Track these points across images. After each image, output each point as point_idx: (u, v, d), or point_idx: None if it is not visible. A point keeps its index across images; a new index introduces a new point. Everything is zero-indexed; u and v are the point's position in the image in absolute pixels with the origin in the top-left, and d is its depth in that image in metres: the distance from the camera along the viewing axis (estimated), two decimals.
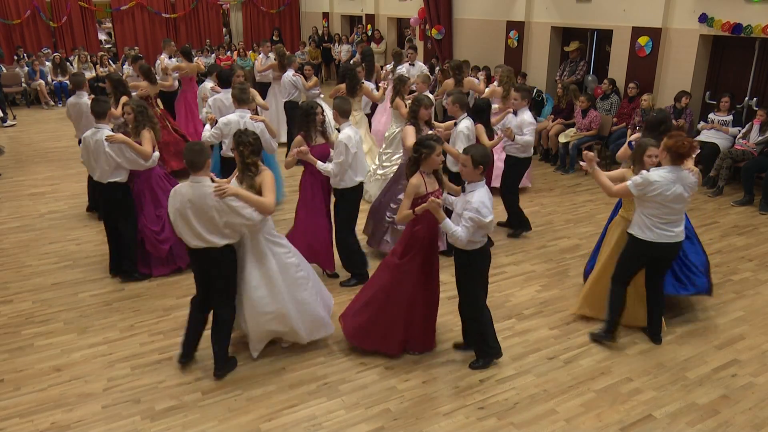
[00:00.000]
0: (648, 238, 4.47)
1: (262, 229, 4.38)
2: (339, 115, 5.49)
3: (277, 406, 4.19)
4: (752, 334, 5.06)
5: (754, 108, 8.56)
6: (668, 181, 4.29)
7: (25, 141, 11.69)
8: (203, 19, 19.07)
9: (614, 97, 9.87)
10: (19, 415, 4.11)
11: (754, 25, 8.15)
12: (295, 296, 4.55)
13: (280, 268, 4.49)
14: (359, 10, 17.23)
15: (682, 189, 4.33)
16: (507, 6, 11.98)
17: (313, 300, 4.66)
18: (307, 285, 4.64)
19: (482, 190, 4.18)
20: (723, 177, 8.30)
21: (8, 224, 7.48)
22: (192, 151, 4.08)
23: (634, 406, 4.19)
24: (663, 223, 4.42)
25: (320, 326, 4.75)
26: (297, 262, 4.63)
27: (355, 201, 5.68)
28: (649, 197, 4.34)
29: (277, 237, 4.53)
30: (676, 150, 4.23)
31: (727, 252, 6.63)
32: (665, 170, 4.32)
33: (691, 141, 4.25)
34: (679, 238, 4.50)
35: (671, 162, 4.30)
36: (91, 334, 5.09)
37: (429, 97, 6.07)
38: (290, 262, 4.56)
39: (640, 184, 4.34)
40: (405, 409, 4.17)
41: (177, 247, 5.91)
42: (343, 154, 5.27)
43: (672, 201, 4.34)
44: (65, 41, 17.13)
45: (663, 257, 4.60)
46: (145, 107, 5.87)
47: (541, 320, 5.26)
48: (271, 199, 4.24)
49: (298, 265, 4.61)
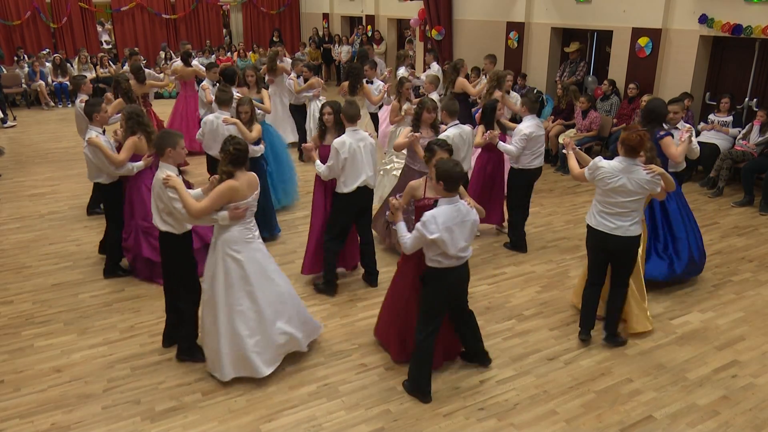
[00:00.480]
0: (591, 222, 4.65)
1: (222, 236, 4.22)
2: (344, 119, 5.39)
3: (278, 407, 4.19)
4: (752, 335, 5.06)
5: (754, 109, 8.57)
6: (614, 170, 4.40)
7: (26, 142, 11.70)
8: (203, 20, 19.09)
9: (614, 97, 9.88)
10: (20, 416, 4.11)
11: (754, 26, 8.16)
12: (232, 323, 4.27)
13: (226, 286, 4.25)
14: (359, 11, 17.24)
15: (626, 181, 4.37)
16: (507, 7, 11.98)
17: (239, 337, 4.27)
18: (245, 321, 4.27)
19: (443, 208, 3.92)
20: (723, 178, 8.30)
21: (8, 225, 7.48)
22: (158, 136, 4.41)
23: (635, 407, 4.19)
24: (606, 213, 4.51)
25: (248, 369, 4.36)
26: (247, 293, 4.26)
27: (342, 209, 5.50)
28: (596, 182, 4.51)
29: (237, 253, 4.22)
30: (628, 143, 4.35)
31: (727, 253, 6.63)
32: (616, 160, 4.45)
33: (642, 134, 4.32)
34: (621, 232, 4.48)
35: (624, 154, 4.40)
36: (91, 334, 5.09)
37: (433, 100, 6.03)
38: (238, 287, 4.25)
39: (590, 167, 4.55)
40: (405, 409, 4.17)
41: None
42: (333, 158, 5.28)
43: (614, 191, 4.41)
44: (65, 42, 17.14)
45: (609, 250, 4.62)
46: (139, 114, 5.78)
47: (541, 321, 5.26)
48: (199, 206, 4.07)
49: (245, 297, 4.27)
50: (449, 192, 3.93)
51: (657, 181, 4.41)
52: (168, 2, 18.38)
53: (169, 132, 4.45)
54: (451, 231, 3.91)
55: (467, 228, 3.99)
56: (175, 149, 4.30)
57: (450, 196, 3.94)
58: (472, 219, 4.01)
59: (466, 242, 4.02)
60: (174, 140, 4.31)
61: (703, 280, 6.01)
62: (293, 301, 4.58)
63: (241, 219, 4.21)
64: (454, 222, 3.91)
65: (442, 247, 3.92)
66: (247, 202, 4.22)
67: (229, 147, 4.16)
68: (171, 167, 4.30)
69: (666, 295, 5.71)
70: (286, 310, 4.48)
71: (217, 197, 4.11)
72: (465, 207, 4.00)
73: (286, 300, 4.49)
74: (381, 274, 5.92)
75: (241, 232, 4.25)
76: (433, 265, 4.06)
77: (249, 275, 4.26)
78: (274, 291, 4.41)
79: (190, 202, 4.11)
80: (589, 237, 4.73)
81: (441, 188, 3.92)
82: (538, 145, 6.42)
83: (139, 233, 5.90)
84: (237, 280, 4.25)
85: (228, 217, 4.15)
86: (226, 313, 4.28)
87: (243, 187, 4.18)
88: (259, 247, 4.38)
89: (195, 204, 4.11)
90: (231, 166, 4.17)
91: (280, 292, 4.46)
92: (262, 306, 4.32)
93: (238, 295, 4.27)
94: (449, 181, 3.88)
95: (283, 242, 6.85)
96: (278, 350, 4.47)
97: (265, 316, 4.34)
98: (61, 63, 14.95)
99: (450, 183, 3.89)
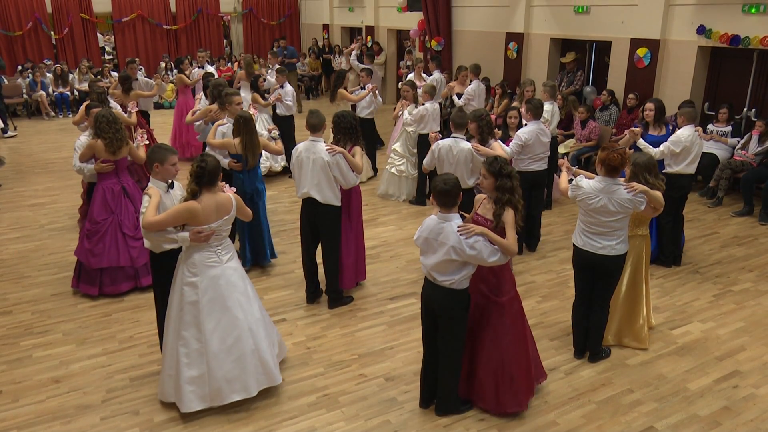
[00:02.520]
0: (577, 242, 4.58)
1: (185, 256, 4.10)
2: (307, 128, 5.41)
3: (277, 418, 4.17)
4: (753, 345, 5.05)
5: (752, 119, 8.59)
6: (594, 191, 4.34)
7: (26, 152, 11.72)
8: (204, 31, 19.17)
9: (613, 108, 9.91)
10: (18, 427, 4.09)
11: (752, 37, 8.20)
12: (176, 346, 4.08)
13: (178, 307, 4.08)
14: (359, 22, 17.32)
15: (607, 201, 4.30)
16: (506, 18, 12.05)
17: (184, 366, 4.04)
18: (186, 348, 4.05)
19: (432, 217, 3.84)
20: (722, 187, 8.31)
21: (8, 235, 7.48)
22: (149, 151, 4.31)
23: (636, 418, 4.17)
24: (590, 233, 4.46)
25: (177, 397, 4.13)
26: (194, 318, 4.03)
27: (301, 217, 5.60)
28: (578, 203, 4.48)
29: (193, 276, 4.03)
30: (609, 163, 4.28)
31: (727, 263, 6.62)
32: (596, 180, 4.39)
33: (622, 153, 4.27)
34: (607, 251, 4.39)
35: (605, 173, 4.34)
36: (90, 345, 5.08)
37: None
38: (188, 311, 4.04)
39: (573, 186, 4.50)
40: (405, 420, 4.15)
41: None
42: None
43: (595, 211, 4.36)
44: (66, 53, 17.22)
45: (595, 269, 4.52)
46: (109, 120, 5.72)
47: (542, 331, 5.24)
48: (153, 219, 3.91)
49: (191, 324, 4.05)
50: (446, 208, 3.78)
51: (640, 199, 4.31)
52: (169, 13, 18.47)
53: (161, 147, 4.27)
54: (426, 244, 3.84)
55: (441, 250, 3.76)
56: (163, 165, 4.18)
57: (447, 211, 3.78)
58: (449, 243, 3.71)
59: (435, 262, 3.79)
60: (163, 156, 4.18)
61: (704, 290, 6.00)
62: (253, 339, 4.18)
63: (203, 243, 4.02)
64: (431, 235, 3.79)
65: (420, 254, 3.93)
66: (213, 227, 4.00)
67: (194, 164, 3.98)
68: (158, 182, 4.21)
69: (666, 305, 5.70)
70: (238, 346, 4.12)
71: (172, 216, 3.93)
72: (450, 229, 3.72)
73: (242, 335, 4.12)
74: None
75: (202, 255, 4.03)
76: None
77: (200, 301, 4.02)
78: (227, 323, 4.09)
79: (148, 213, 3.94)
80: (576, 257, 4.64)
81: (437, 203, 3.82)
82: (538, 151, 6.44)
83: (83, 234, 5.96)
84: (187, 306, 4.04)
85: (188, 239, 3.97)
86: (174, 335, 4.10)
87: (206, 210, 3.95)
88: (222, 273, 4.09)
89: (152, 217, 3.92)
90: (195, 185, 3.96)
91: (237, 326, 4.11)
92: (208, 338, 4.04)
93: (186, 319, 4.05)
94: (441, 196, 3.77)
95: (284, 252, 6.84)
96: (221, 387, 4.09)
97: (210, 350, 4.04)
98: (62, 73, 15.02)
99: (442, 198, 3.77)
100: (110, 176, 5.92)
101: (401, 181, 8.73)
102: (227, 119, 6.37)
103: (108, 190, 5.92)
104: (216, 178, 4.02)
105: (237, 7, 19.86)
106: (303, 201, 5.49)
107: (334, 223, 5.48)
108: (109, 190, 5.92)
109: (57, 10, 16.84)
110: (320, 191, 5.30)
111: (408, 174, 8.68)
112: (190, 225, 3.99)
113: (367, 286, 6.08)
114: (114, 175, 5.93)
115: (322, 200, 5.33)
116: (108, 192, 5.91)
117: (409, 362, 4.80)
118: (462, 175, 5.68)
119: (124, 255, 5.83)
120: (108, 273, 5.83)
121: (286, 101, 9.30)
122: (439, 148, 5.85)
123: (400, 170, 8.70)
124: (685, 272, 6.39)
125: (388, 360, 4.85)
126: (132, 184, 6.10)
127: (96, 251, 5.81)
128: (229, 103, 6.38)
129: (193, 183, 3.98)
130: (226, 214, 4.08)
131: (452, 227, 3.73)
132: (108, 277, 5.84)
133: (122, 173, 6.01)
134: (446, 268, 3.79)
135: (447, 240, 3.72)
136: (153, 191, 4.10)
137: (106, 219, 5.86)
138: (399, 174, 8.71)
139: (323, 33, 19.10)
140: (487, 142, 5.85)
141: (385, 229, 7.67)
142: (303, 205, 5.52)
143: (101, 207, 5.89)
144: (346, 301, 5.73)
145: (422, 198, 8.49)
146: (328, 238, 5.52)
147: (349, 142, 5.46)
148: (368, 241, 6.69)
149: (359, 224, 5.84)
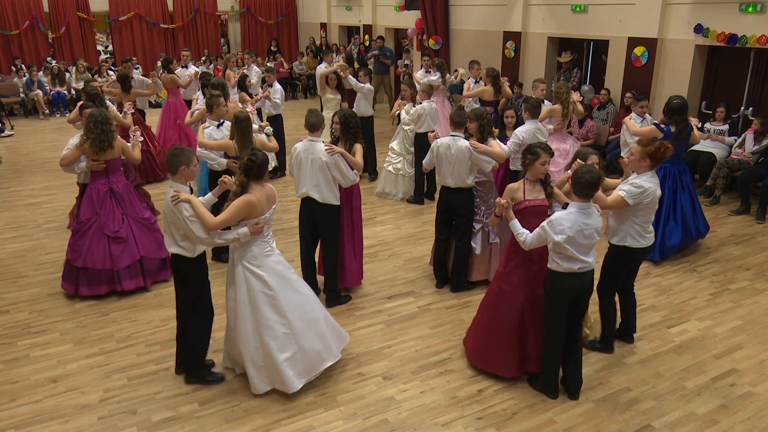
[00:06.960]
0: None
1: (241, 252, 4.19)
2: (305, 127, 5.38)
3: (275, 417, 4.17)
4: (750, 344, 5.06)
5: (749, 117, 8.61)
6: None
7: (23, 151, 11.70)
8: (201, 30, 19.14)
9: (611, 106, 9.92)
10: (15, 426, 4.08)
11: (749, 36, 8.21)
12: (260, 337, 4.22)
13: (250, 302, 4.21)
14: (357, 21, 17.31)
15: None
16: (504, 17, 12.05)
17: (276, 352, 4.21)
18: (273, 336, 4.21)
19: (572, 212, 3.95)
20: (719, 186, 8.32)
21: (5, 234, 7.46)
22: (169, 154, 4.12)
23: (633, 416, 4.18)
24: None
25: (279, 382, 4.29)
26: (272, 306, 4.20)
27: (300, 216, 5.59)
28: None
29: (257, 268, 4.19)
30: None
31: (724, 261, 6.64)
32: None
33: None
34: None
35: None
36: (87, 344, 5.07)
37: None
38: (262, 301, 4.19)
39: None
40: (403, 419, 4.15)
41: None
42: None
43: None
44: (63, 52, 17.18)
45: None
46: (97, 120, 5.66)
47: None
48: (216, 220, 3.99)
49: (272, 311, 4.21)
50: (580, 198, 3.97)
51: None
52: (166, 12, 18.43)
53: (183, 150, 4.14)
54: (577, 236, 3.94)
55: (593, 235, 3.98)
56: (189, 167, 4.11)
57: (581, 201, 3.97)
58: (596, 226, 3.99)
59: (589, 249, 4.02)
60: (189, 158, 4.11)
61: (701, 288, 6.01)
62: (321, 308, 4.54)
63: (260, 234, 4.18)
64: (580, 227, 3.93)
65: (559, 249, 3.98)
66: (266, 216, 4.17)
67: (244, 157, 4.12)
68: (181, 185, 4.10)
69: (663, 303, 5.71)
70: (315, 318, 4.43)
71: (234, 212, 4.03)
72: (595, 214, 4.00)
73: (314, 307, 4.45)
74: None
75: (259, 246, 4.20)
76: (552, 267, 4.10)
77: (272, 288, 4.21)
78: (300, 300, 4.36)
79: (206, 217, 4.00)
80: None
81: (572, 193, 4.03)
82: None
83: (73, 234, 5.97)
84: (260, 296, 4.19)
85: (249, 233, 4.10)
86: (255, 328, 4.22)
87: (261, 201, 4.11)
88: (278, 259, 4.33)
89: (211, 218, 4.00)
90: (244, 177, 4.11)
91: (308, 300, 4.42)
92: (291, 318, 4.26)
93: (263, 310, 4.20)
94: (579, 187, 3.93)
95: (282, 251, 6.80)
96: (313, 359, 4.37)
97: (295, 328, 4.28)
98: (59, 72, 14.98)
99: (578, 188, 3.93)
100: (100, 176, 5.91)
101: (398, 180, 8.73)
102: (209, 121, 6.35)
103: (95, 190, 5.92)
104: (264, 171, 4.18)
105: (234, 6, 19.83)
106: (302, 200, 5.49)
107: (333, 223, 5.49)
108: (96, 191, 5.91)
109: (54, 8, 16.78)
110: (319, 191, 5.31)
111: (405, 172, 8.68)
112: (247, 219, 4.10)
113: (364, 285, 6.07)
114: (104, 175, 5.92)
115: (321, 200, 5.34)
116: (94, 192, 5.91)
117: (407, 361, 4.80)
118: (461, 173, 5.68)
119: (102, 257, 5.77)
120: (84, 273, 5.77)
121: (274, 99, 9.30)
122: (437, 147, 5.85)
123: (397, 168, 8.70)
124: (683, 270, 6.40)
125: (386, 359, 4.85)
126: (123, 185, 6.04)
127: (76, 248, 5.81)
128: (217, 105, 6.37)
129: (242, 175, 4.10)
130: (274, 203, 4.27)
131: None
132: (84, 277, 5.78)
133: (113, 174, 5.97)
134: None
135: None
136: (185, 195, 4.01)
137: (90, 219, 5.85)
138: (396, 172, 8.71)
139: (321, 32, 19.09)
140: (486, 140, 5.85)
141: (383, 227, 7.67)
142: (302, 205, 5.52)
143: (87, 207, 5.90)
144: (344, 300, 5.73)
145: (420, 197, 8.49)
146: (328, 237, 5.52)
147: (350, 140, 5.49)
148: (366, 240, 6.70)
149: (360, 222, 5.85)
